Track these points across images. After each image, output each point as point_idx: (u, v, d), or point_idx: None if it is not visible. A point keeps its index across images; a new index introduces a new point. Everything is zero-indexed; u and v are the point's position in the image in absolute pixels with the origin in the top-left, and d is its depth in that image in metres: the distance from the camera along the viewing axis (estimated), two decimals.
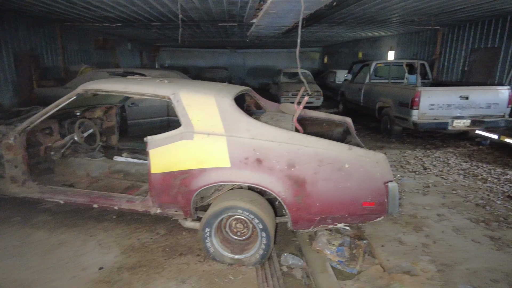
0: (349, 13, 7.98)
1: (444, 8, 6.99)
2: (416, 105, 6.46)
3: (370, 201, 2.64)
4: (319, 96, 12.59)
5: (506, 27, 8.09)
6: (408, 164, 5.88)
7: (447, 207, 4.15)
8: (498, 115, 6.76)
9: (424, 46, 11.46)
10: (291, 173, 2.62)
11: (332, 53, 22.79)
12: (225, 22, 9.53)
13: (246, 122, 2.76)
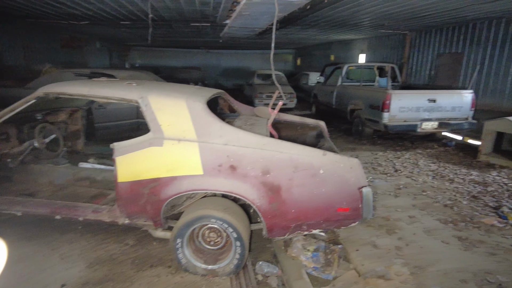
0: (322, 16, 8.06)
1: (413, 14, 7.22)
2: (386, 108, 6.61)
3: (345, 207, 2.63)
4: (292, 98, 12.67)
5: (468, 34, 8.47)
6: (379, 166, 5.99)
7: (418, 209, 4.24)
8: (463, 118, 7.05)
9: (394, 49, 11.81)
10: (266, 179, 2.56)
11: (305, 55, 23.06)
12: (198, 22, 9.37)
13: (219, 127, 2.67)
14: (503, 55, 7.51)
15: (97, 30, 11.97)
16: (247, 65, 24.72)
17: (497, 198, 4.66)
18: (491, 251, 3.30)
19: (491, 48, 7.81)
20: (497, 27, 7.64)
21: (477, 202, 4.48)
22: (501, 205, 4.36)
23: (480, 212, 4.19)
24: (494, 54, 7.74)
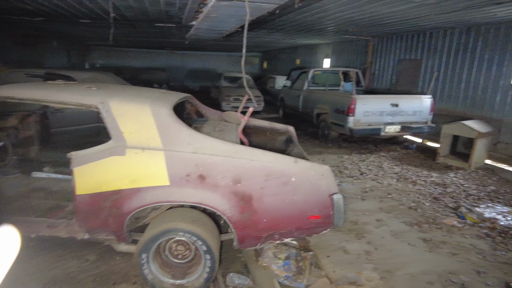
0: (289, 20, 8.12)
1: (375, 21, 7.45)
2: (351, 112, 6.76)
3: (316, 214, 2.60)
4: (259, 101, 12.68)
5: (426, 42, 8.91)
6: (346, 169, 6.10)
7: (384, 212, 4.34)
8: (423, 122, 7.38)
9: (357, 55, 12.17)
10: (237, 189, 2.47)
11: (271, 58, 23.22)
12: (163, 23, 9.09)
13: (187, 134, 2.54)
14: (457, 63, 7.97)
15: (53, 27, 11.27)
16: (213, 67, 24.48)
17: (455, 198, 4.89)
18: (453, 251, 3.43)
19: (446, 56, 8.26)
20: (451, 36, 8.10)
21: (438, 204, 4.67)
22: (460, 206, 4.57)
23: (441, 213, 4.37)
24: (449, 61, 8.19)
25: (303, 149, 3.78)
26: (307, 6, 6.02)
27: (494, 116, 7.11)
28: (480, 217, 4.22)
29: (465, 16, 6.38)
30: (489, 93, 7.23)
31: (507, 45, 6.83)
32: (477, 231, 3.90)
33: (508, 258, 3.38)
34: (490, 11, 5.86)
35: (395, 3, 5.52)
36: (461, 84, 7.90)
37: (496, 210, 4.53)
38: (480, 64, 7.43)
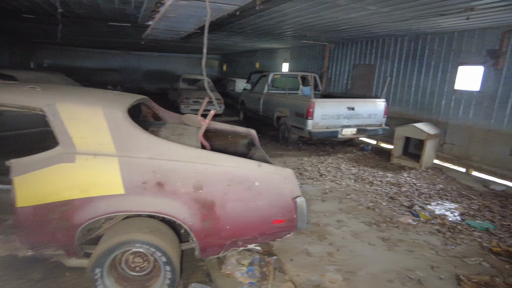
0: (248, 23, 8.12)
1: (332, 27, 7.68)
2: (310, 115, 6.89)
3: (280, 219, 2.57)
4: (220, 104, 12.55)
5: (379, 48, 9.36)
6: (306, 171, 6.19)
7: (344, 213, 4.44)
8: (377, 124, 7.71)
9: (314, 59, 12.49)
10: (199, 196, 2.36)
11: (230, 61, 23.17)
12: (117, 22, 8.68)
13: (143, 138, 2.39)
14: (407, 69, 8.45)
15: None
16: (171, 68, 23.92)
17: (409, 197, 5.13)
18: (409, 249, 3.58)
19: (397, 62, 8.73)
20: (402, 44, 8.58)
21: (394, 203, 4.87)
22: (413, 204, 4.80)
23: (397, 212, 4.55)
24: (400, 67, 8.66)
25: (264, 151, 3.75)
26: (266, 9, 6.04)
27: (440, 119, 7.61)
28: (431, 214, 4.46)
29: (413, 25, 6.77)
30: (435, 97, 7.73)
31: (450, 53, 7.36)
32: (429, 228, 4.11)
33: (457, 251, 3.59)
34: (435, 22, 6.26)
35: (351, 10, 5.71)
36: (412, 89, 8.37)
37: (445, 207, 4.81)
38: (427, 70, 7.93)
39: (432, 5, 5.00)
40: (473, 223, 4.31)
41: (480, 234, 4.01)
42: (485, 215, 4.60)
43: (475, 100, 6.89)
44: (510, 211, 4.80)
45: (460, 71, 7.21)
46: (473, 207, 4.86)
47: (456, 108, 7.28)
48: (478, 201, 5.15)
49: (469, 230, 4.10)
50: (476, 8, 4.97)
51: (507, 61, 6.30)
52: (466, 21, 5.91)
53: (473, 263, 3.37)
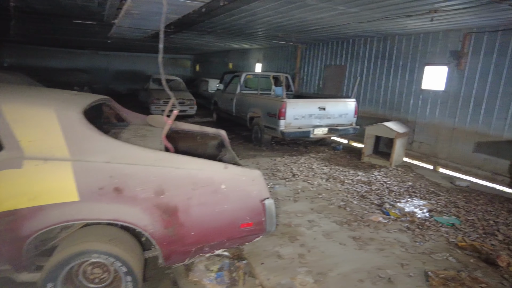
0: (219, 23, 7.99)
1: (303, 27, 7.70)
2: (282, 115, 6.86)
3: (248, 222, 2.48)
4: (192, 105, 12.34)
5: (349, 49, 9.50)
6: (278, 172, 6.14)
7: (316, 212, 4.41)
8: (348, 124, 7.80)
9: (287, 60, 12.53)
10: (160, 201, 2.23)
11: (203, 61, 22.90)
12: (82, 19, 8.30)
13: (100, 141, 2.23)
14: (377, 69, 8.62)
15: None
16: (142, 68, 23.30)
17: (380, 195, 5.19)
18: (380, 247, 3.59)
19: (367, 62, 8.89)
20: (371, 44, 8.74)
21: (365, 201, 4.91)
22: (384, 202, 4.86)
23: (368, 210, 4.59)
24: (370, 67, 8.83)
25: (237, 153, 3.66)
26: (235, 8, 5.95)
27: (409, 118, 7.81)
28: (401, 212, 4.53)
29: (382, 26, 6.90)
30: (404, 97, 7.92)
31: (416, 54, 7.57)
32: (399, 225, 4.16)
33: (426, 248, 3.64)
34: (402, 23, 6.41)
35: (320, 10, 5.73)
36: (381, 89, 8.54)
37: (414, 204, 4.90)
38: (396, 70, 8.12)
39: (398, 6, 5.09)
40: (440, 219, 4.40)
41: (447, 230, 4.10)
42: (451, 210, 4.73)
43: (440, 99, 7.12)
44: (474, 206, 4.96)
45: (426, 71, 7.43)
46: (440, 203, 4.98)
47: (423, 107, 7.49)
48: (444, 197, 5.29)
49: (437, 226, 4.19)
50: (439, 10, 5.11)
51: (469, 62, 6.55)
52: (431, 22, 6.08)
53: (441, 259, 3.42)
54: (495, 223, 4.40)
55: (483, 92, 6.33)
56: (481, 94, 6.36)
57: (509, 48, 5.94)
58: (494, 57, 6.14)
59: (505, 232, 4.15)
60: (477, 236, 3.99)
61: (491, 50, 6.19)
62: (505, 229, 4.24)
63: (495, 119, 6.17)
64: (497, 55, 6.10)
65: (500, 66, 6.06)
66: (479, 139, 6.43)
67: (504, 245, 3.82)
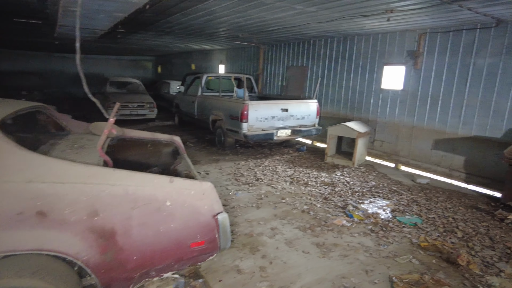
0: (176, 22, 7.66)
1: (262, 27, 7.56)
2: (245, 118, 6.66)
3: (199, 241, 2.24)
4: (152, 108, 11.84)
5: (310, 49, 9.50)
6: (242, 176, 5.93)
7: (278, 219, 4.24)
8: (311, 125, 7.75)
9: (250, 61, 12.37)
10: (94, 224, 1.93)
11: (165, 63, 22.25)
12: (24, 18, 7.64)
13: (19, 157, 1.90)
14: (337, 69, 8.67)
15: None
16: (101, 71, 22.23)
17: (343, 197, 5.13)
18: (344, 253, 3.47)
19: (328, 62, 8.93)
20: (331, 45, 8.78)
21: (328, 204, 4.82)
22: (347, 204, 4.79)
23: (332, 213, 4.49)
24: (331, 68, 8.86)
25: (200, 157, 3.40)
26: (191, 7, 5.67)
27: (370, 117, 7.90)
28: (365, 214, 4.47)
29: (341, 26, 6.90)
30: (364, 96, 8.00)
31: (375, 54, 7.66)
32: (363, 228, 4.09)
33: (389, 251, 3.58)
34: (360, 23, 6.43)
35: (278, 9, 5.59)
36: (342, 89, 8.59)
37: (377, 204, 4.88)
38: (356, 70, 8.19)
39: (355, 5, 5.05)
40: (402, 219, 4.39)
41: (410, 230, 4.08)
42: (413, 209, 4.75)
43: (399, 98, 7.24)
44: (434, 204, 5.02)
45: (385, 71, 7.54)
46: (402, 203, 4.99)
47: (383, 106, 7.59)
48: (406, 195, 5.33)
49: (400, 227, 4.16)
50: (395, 10, 5.14)
51: (424, 61, 6.70)
52: (388, 23, 6.14)
53: (404, 262, 3.36)
54: (454, 220, 4.46)
55: (439, 91, 6.50)
56: (437, 93, 6.53)
57: (460, 48, 6.13)
58: (447, 56, 6.32)
59: (463, 228, 4.21)
60: (438, 234, 4.00)
61: (444, 50, 6.37)
62: (463, 225, 4.30)
63: (450, 117, 6.35)
64: (450, 55, 6.28)
65: (453, 66, 6.25)
66: (437, 136, 6.60)
67: (463, 242, 3.85)
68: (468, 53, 6.04)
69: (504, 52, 5.61)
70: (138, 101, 11.66)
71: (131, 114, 11.43)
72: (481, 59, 5.88)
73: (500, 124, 5.71)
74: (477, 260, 3.46)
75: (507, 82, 5.60)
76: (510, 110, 5.58)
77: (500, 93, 5.69)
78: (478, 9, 4.88)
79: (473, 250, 3.67)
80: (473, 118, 6.03)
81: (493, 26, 5.67)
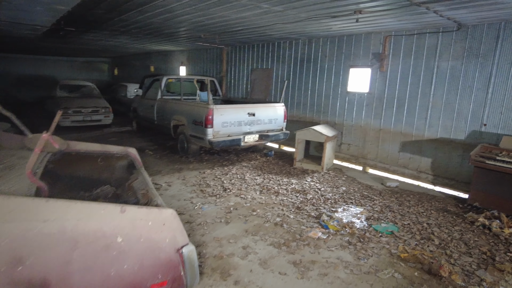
0: (132, 21, 7.07)
1: (225, 27, 7.20)
2: (210, 123, 6.24)
3: (160, 281, 1.83)
4: (108, 113, 11.03)
5: (275, 51, 9.27)
6: (208, 187, 5.51)
7: (250, 234, 3.89)
8: (278, 129, 7.49)
9: (213, 63, 11.92)
10: (19, 275, 1.46)
11: (123, 65, 21.10)
12: None
13: None
14: (303, 72, 8.51)
15: None
16: (52, 73, 20.65)
17: (316, 205, 4.89)
18: (323, 271, 3.20)
19: (293, 65, 8.74)
20: (296, 47, 8.61)
21: (301, 214, 4.54)
22: (321, 213, 4.55)
23: (306, 225, 4.21)
24: (296, 70, 8.68)
25: (161, 167, 2.96)
26: (148, 4, 5.17)
27: (337, 120, 7.79)
28: (340, 224, 4.24)
29: (307, 27, 6.71)
30: (331, 99, 7.89)
31: (341, 56, 7.58)
32: (340, 240, 3.85)
33: (370, 265, 3.35)
34: (327, 24, 6.28)
35: (243, 7, 5.26)
36: (308, 92, 8.43)
37: (351, 212, 4.68)
38: (322, 73, 8.06)
39: (324, 5, 4.85)
40: (379, 227, 4.22)
41: (387, 240, 3.91)
42: (388, 216, 4.61)
43: (366, 101, 7.19)
44: (407, 209, 4.93)
45: (351, 74, 7.46)
46: (376, 209, 4.85)
47: (350, 109, 7.51)
48: (379, 201, 5.20)
49: (377, 237, 3.97)
50: (364, 10, 5.00)
51: (390, 64, 6.69)
52: (355, 25, 6.03)
53: (387, 277, 3.15)
54: (429, 225, 4.37)
55: (405, 93, 6.51)
56: (403, 95, 6.53)
57: (424, 51, 6.16)
58: (412, 59, 6.34)
59: (439, 234, 4.11)
60: (416, 243, 3.86)
61: (409, 52, 6.38)
62: (438, 231, 4.21)
63: (416, 119, 6.37)
64: (414, 57, 6.30)
65: (418, 68, 6.27)
66: (404, 139, 6.60)
67: (441, 249, 3.74)
68: (431, 56, 6.08)
69: (465, 55, 5.69)
70: (92, 106, 10.81)
71: (84, 120, 10.56)
72: (444, 62, 5.93)
73: (464, 126, 5.79)
74: (457, 269, 3.34)
75: (468, 85, 5.68)
76: (472, 113, 5.67)
77: (462, 95, 5.77)
78: (443, 12, 4.87)
79: (452, 258, 3.55)
80: (438, 120, 6.07)
81: (455, 30, 5.74)
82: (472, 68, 5.62)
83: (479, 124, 5.61)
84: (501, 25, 5.29)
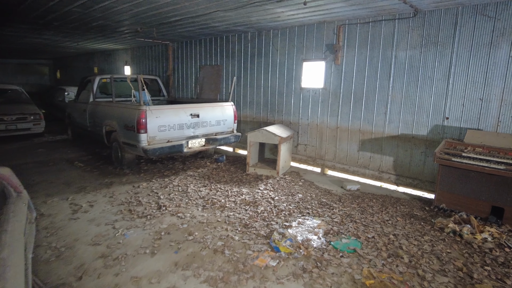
0: (44, 9, 5.94)
1: (160, 17, 6.29)
2: (143, 128, 5.29)
3: None
4: (38, 121, 9.62)
5: (224, 47, 8.46)
6: (139, 205, 4.58)
7: (180, 269, 3.05)
8: (228, 131, 6.68)
9: (158, 61, 10.88)
10: None
11: (65, 67, 19.26)
12: None
13: None
14: (254, 68, 7.77)
15: None
16: None
17: (267, 220, 4.14)
18: None
19: (243, 61, 7.98)
20: (246, 41, 7.86)
21: (249, 233, 3.77)
22: (272, 230, 3.81)
23: (253, 248, 3.44)
24: (247, 66, 7.93)
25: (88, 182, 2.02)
26: None
27: (292, 119, 7.14)
28: (293, 243, 3.52)
29: (252, 16, 5.98)
30: (284, 97, 7.23)
31: (293, 49, 6.93)
32: (292, 266, 3.12)
33: None
34: (273, 11, 5.58)
35: None
36: (261, 89, 7.71)
37: (307, 226, 3.98)
38: (274, 68, 7.37)
39: None
40: (338, 244, 3.55)
41: (349, 261, 3.23)
42: (349, 228, 3.96)
43: (321, 97, 6.59)
44: (370, 217, 4.32)
45: (305, 68, 6.83)
46: (335, 220, 4.19)
47: (305, 107, 6.88)
48: (338, 209, 4.56)
49: (337, 257, 3.29)
50: None
51: (345, 56, 6.13)
52: (304, 12, 5.38)
53: None
54: (396, 237, 3.77)
55: (362, 87, 5.96)
56: (360, 90, 5.99)
57: (380, 40, 5.65)
58: (368, 49, 5.81)
59: (407, 248, 3.52)
60: (383, 262, 3.22)
61: (364, 42, 5.85)
62: (406, 243, 3.62)
63: (375, 115, 5.85)
64: (370, 47, 5.78)
65: (375, 59, 5.75)
66: (363, 137, 6.06)
67: (412, 269, 3.12)
68: (388, 46, 5.58)
69: (423, 43, 5.23)
70: (17, 113, 9.34)
71: (7, 130, 9.08)
72: (402, 52, 5.45)
73: (425, 120, 5.33)
74: None
75: (428, 75, 5.23)
76: (434, 106, 5.22)
77: (422, 87, 5.30)
78: None
79: (425, 280, 2.94)
80: (399, 115, 5.58)
81: (411, 16, 5.27)
82: (431, 57, 5.16)
83: (441, 118, 5.16)
84: (458, 9, 4.86)
